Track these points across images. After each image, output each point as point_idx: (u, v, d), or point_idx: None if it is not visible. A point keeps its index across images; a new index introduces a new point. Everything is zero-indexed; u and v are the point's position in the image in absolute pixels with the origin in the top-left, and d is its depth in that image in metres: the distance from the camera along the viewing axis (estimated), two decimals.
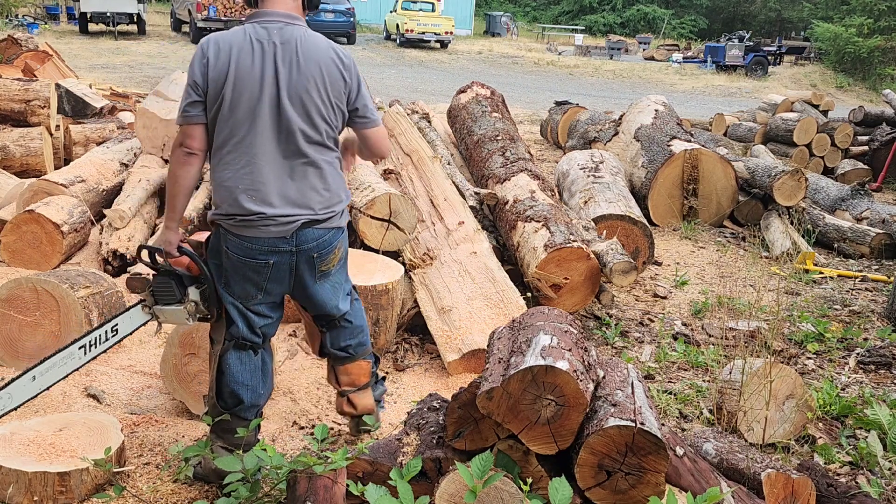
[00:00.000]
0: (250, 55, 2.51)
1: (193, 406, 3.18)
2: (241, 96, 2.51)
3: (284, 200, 2.56)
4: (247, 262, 2.58)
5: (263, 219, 2.54)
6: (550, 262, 4.38)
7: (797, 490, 2.43)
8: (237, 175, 2.54)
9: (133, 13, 21.68)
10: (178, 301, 2.65)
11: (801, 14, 34.43)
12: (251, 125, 2.52)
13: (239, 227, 2.55)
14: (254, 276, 2.61)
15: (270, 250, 2.58)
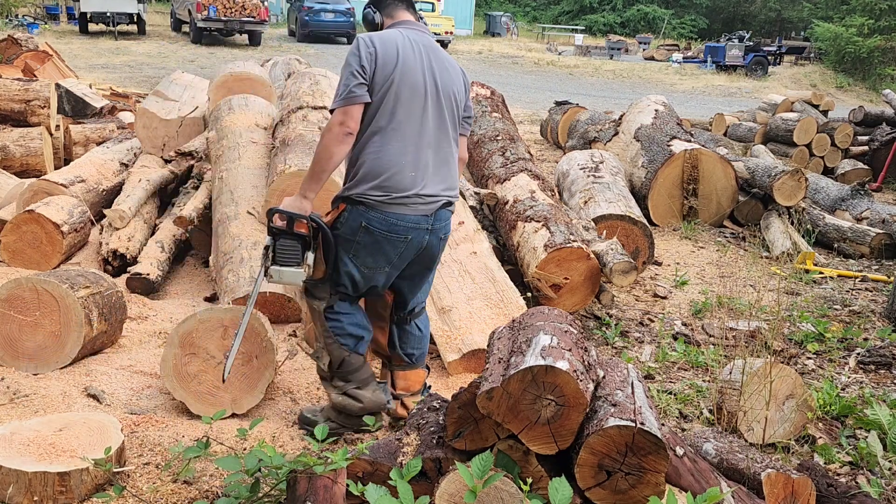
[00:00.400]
0: (412, 50, 2.87)
1: (193, 406, 3.18)
2: (407, 84, 2.82)
3: (434, 182, 2.89)
4: (388, 236, 2.85)
5: (416, 197, 2.84)
6: (550, 262, 4.38)
7: (797, 490, 2.43)
8: (398, 155, 2.81)
9: (133, 13, 21.68)
10: (298, 263, 2.86)
11: (801, 14, 34.45)
12: (414, 111, 2.84)
13: (388, 205, 2.81)
14: (390, 249, 2.88)
15: (413, 227, 2.87)
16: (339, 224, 2.89)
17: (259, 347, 3.21)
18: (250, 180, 4.73)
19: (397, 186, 2.81)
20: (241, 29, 21.43)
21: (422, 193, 2.85)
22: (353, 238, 2.86)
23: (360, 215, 2.83)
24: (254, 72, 6.24)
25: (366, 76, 2.79)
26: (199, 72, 13.94)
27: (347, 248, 2.89)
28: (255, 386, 3.21)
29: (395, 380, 3.24)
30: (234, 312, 3.23)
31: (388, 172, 2.80)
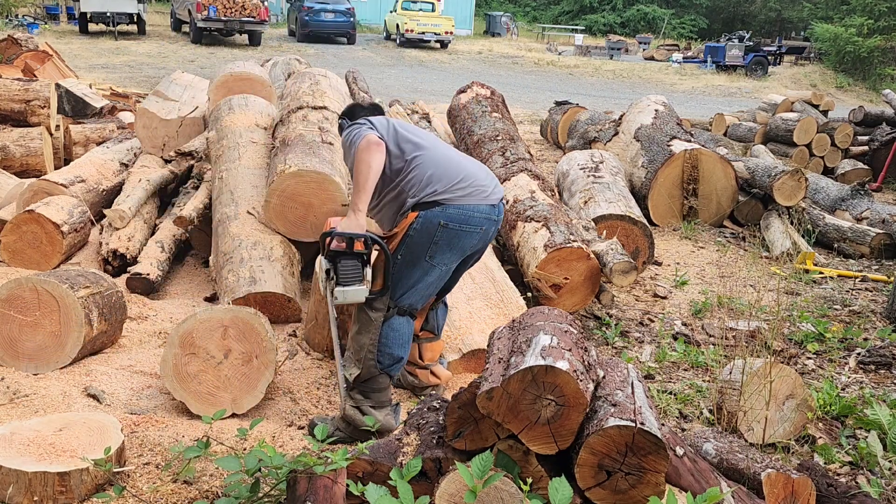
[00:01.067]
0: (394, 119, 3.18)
1: (193, 406, 3.18)
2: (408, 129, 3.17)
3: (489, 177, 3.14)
4: (465, 228, 3.01)
5: (480, 187, 3.05)
6: (550, 262, 4.38)
7: (797, 490, 2.43)
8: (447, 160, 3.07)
9: (133, 13, 21.67)
10: (360, 280, 2.94)
11: (801, 14, 34.44)
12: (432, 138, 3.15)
13: (463, 198, 2.99)
14: (466, 241, 3.06)
15: (485, 218, 3.05)
16: (411, 233, 2.98)
17: (259, 347, 3.21)
18: (250, 180, 4.73)
19: (465, 179, 3.03)
20: (241, 29, 21.43)
21: (486, 185, 3.07)
22: (429, 240, 2.98)
23: (437, 215, 2.97)
24: (254, 72, 6.24)
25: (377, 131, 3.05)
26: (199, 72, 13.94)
27: (422, 252, 3.00)
28: (255, 386, 3.21)
29: (422, 352, 3.43)
30: (234, 313, 3.23)
31: (450, 171, 3.03)
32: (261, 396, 3.22)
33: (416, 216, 2.98)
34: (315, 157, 4.44)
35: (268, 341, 3.21)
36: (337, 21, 24.49)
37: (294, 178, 4.28)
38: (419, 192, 3.00)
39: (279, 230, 4.36)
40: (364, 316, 3.05)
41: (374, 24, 29.91)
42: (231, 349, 3.20)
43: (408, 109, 6.29)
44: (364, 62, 20.82)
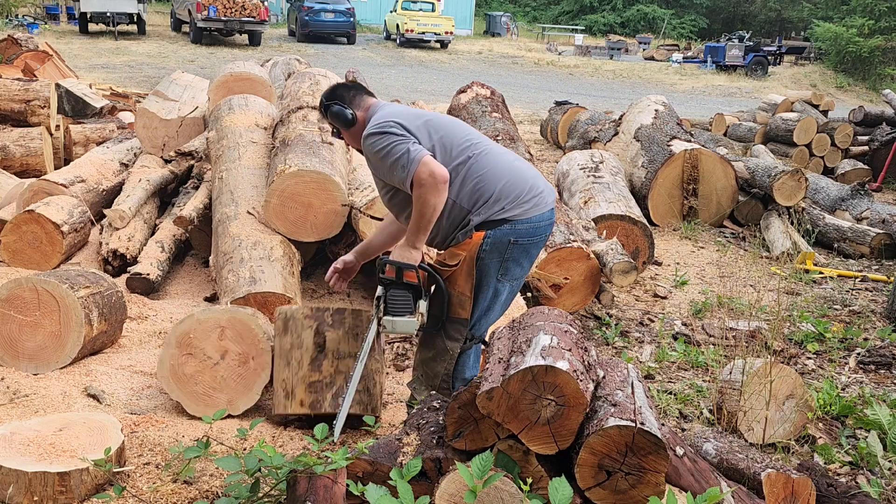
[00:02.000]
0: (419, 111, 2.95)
1: (190, 407, 3.18)
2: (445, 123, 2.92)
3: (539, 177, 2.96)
4: (533, 240, 2.88)
5: (539, 193, 2.89)
6: (550, 262, 4.38)
7: (797, 490, 2.43)
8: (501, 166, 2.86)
9: (133, 13, 21.66)
10: (411, 312, 2.84)
11: (801, 14, 34.43)
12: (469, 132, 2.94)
13: (528, 211, 2.83)
14: (534, 251, 2.93)
15: (548, 223, 2.93)
16: (482, 255, 2.82)
17: (255, 349, 3.21)
18: (250, 180, 4.73)
19: (531, 191, 2.86)
20: (241, 29, 21.42)
21: (541, 191, 2.90)
22: (500, 259, 2.84)
23: (507, 233, 2.82)
24: (254, 72, 6.24)
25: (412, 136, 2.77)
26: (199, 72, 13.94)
27: (494, 272, 2.85)
28: (250, 387, 3.20)
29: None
30: (232, 313, 3.24)
31: (515, 182, 2.84)
32: (256, 398, 3.21)
33: (483, 236, 2.81)
34: (315, 157, 4.44)
35: (264, 343, 3.21)
36: (337, 21, 24.48)
37: (294, 178, 4.28)
38: (486, 211, 2.81)
39: (279, 230, 4.36)
40: (441, 344, 2.93)
41: (374, 24, 29.90)
42: (228, 350, 3.20)
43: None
44: (364, 62, 20.82)
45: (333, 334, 3.07)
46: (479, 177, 2.82)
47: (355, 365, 2.93)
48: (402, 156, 2.71)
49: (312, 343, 3.05)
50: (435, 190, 2.70)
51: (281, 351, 3.13)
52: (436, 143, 2.82)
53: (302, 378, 3.06)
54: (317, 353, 3.05)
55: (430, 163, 2.70)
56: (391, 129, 2.77)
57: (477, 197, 2.82)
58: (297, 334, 3.08)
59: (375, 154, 2.79)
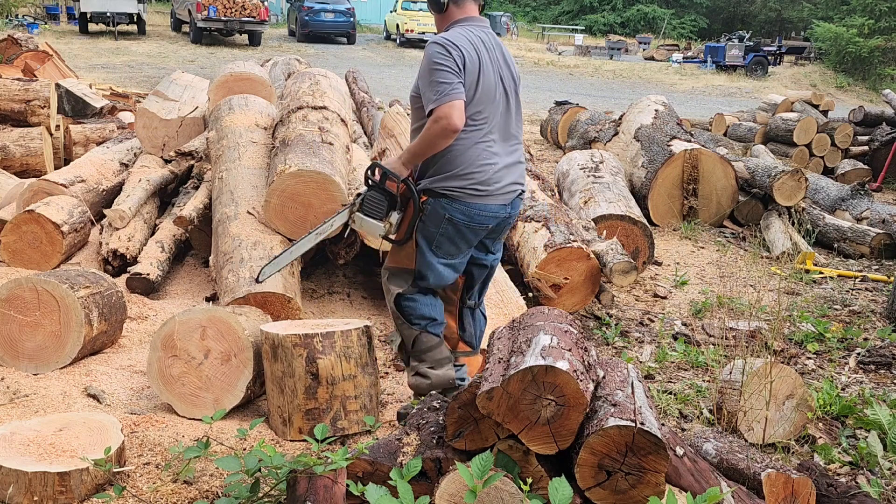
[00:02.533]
0: (486, 53, 3.02)
1: (178, 407, 3.18)
2: (486, 85, 2.99)
3: (511, 175, 3.09)
4: (470, 225, 3.04)
5: (496, 190, 3.03)
6: (550, 262, 4.38)
7: (797, 490, 2.43)
8: (482, 151, 3.00)
9: (133, 13, 21.66)
10: (381, 217, 3.07)
11: (801, 14, 34.42)
12: (493, 110, 3.03)
13: (472, 196, 2.99)
14: (471, 236, 3.08)
15: (493, 216, 3.06)
16: (423, 217, 3.03)
17: (237, 346, 3.20)
18: (250, 180, 4.73)
19: (481, 180, 2.99)
20: (241, 29, 21.42)
21: (503, 185, 3.05)
22: (436, 230, 3.03)
23: (444, 207, 2.99)
24: (254, 72, 6.24)
25: (461, 76, 2.90)
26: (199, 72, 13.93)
27: (430, 239, 3.05)
28: (234, 385, 3.20)
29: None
30: (211, 313, 3.24)
31: (473, 167, 2.98)
32: (241, 395, 3.20)
33: (425, 200, 3.03)
34: (315, 157, 4.44)
35: (245, 339, 3.20)
36: (337, 21, 24.48)
37: (294, 178, 4.27)
38: (435, 178, 3.01)
39: (279, 230, 4.35)
40: (386, 288, 3.20)
41: (374, 24, 29.90)
42: (210, 349, 3.19)
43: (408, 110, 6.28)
44: (364, 62, 20.81)
45: (326, 361, 3.03)
46: (455, 147, 2.96)
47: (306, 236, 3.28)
48: (444, 85, 2.86)
49: (305, 372, 3.01)
50: (443, 133, 2.87)
51: (273, 377, 3.11)
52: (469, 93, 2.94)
53: (298, 406, 3.04)
54: (311, 381, 3.02)
55: (456, 108, 2.85)
56: (454, 56, 2.90)
57: (437, 163, 3.00)
58: (287, 362, 3.03)
59: (429, 61, 2.92)
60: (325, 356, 3.03)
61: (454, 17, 3.08)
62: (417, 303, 3.15)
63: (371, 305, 4.78)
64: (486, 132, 3.02)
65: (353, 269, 5.12)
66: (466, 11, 3.09)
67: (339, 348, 3.07)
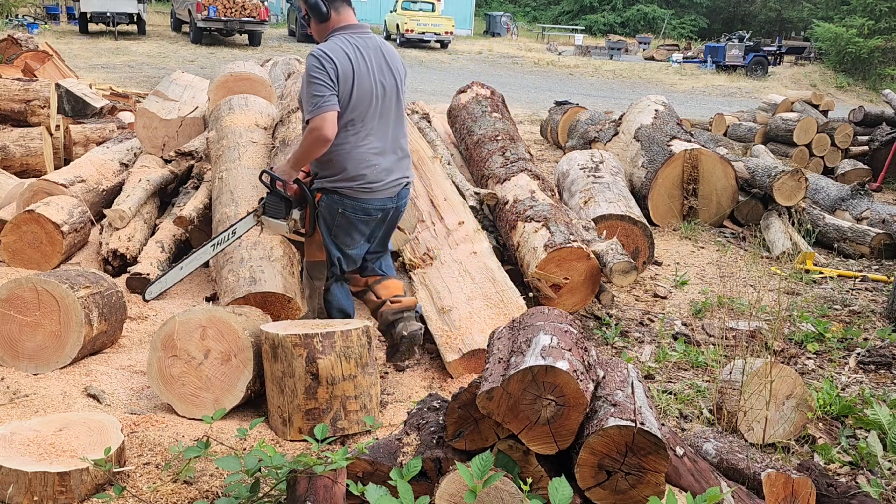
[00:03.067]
0: (362, 59, 3.30)
1: (178, 407, 3.18)
2: (364, 91, 3.28)
3: (398, 169, 3.43)
4: (362, 217, 3.40)
5: (384, 185, 3.38)
6: (550, 262, 4.38)
7: (797, 490, 2.43)
8: (367, 152, 3.32)
9: (133, 13, 21.65)
10: (283, 217, 3.40)
11: (801, 14, 34.42)
12: (373, 112, 3.32)
13: (360, 192, 3.34)
14: (364, 227, 3.44)
15: (381, 208, 3.42)
16: (320, 212, 3.40)
17: (237, 345, 3.20)
18: (250, 180, 4.73)
19: (369, 178, 3.34)
20: (241, 29, 21.41)
21: (388, 181, 3.39)
22: (331, 222, 3.39)
23: (337, 203, 3.35)
24: (254, 72, 6.24)
25: (335, 88, 3.19)
26: (199, 72, 13.93)
27: (327, 230, 3.41)
28: (234, 385, 3.20)
29: (377, 292, 3.65)
30: (211, 312, 3.24)
31: (359, 170, 3.31)
32: (241, 395, 3.20)
33: (319, 198, 3.38)
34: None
35: (245, 339, 3.20)
36: None
37: None
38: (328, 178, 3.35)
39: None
40: (310, 283, 3.62)
41: (374, 24, 29.88)
42: (210, 349, 3.20)
43: (407, 109, 6.29)
44: None
45: (326, 361, 3.03)
46: (338, 152, 3.29)
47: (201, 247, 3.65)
48: (317, 97, 3.17)
49: (305, 372, 3.01)
50: (316, 142, 3.20)
51: (272, 377, 3.11)
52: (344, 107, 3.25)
53: (298, 406, 3.04)
54: (311, 381, 3.02)
55: (328, 119, 3.17)
56: (328, 68, 3.19)
57: (327, 166, 3.33)
58: (287, 362, 3.03)
59: (307, 74, 3.23)
60: (325, 356, 3.03)
61: (335, 25, 3.35)
62: (335, 296, 3.53)
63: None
64: (366, 135, 3.32)
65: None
66: (345, 19, 3.37)
67: (339, 348, 3.07)
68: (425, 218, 4.76)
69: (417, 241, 4.60)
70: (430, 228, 4.69)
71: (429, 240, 4.60)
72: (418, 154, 5.25)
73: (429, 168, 5.12)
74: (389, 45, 3.53)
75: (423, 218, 4.75)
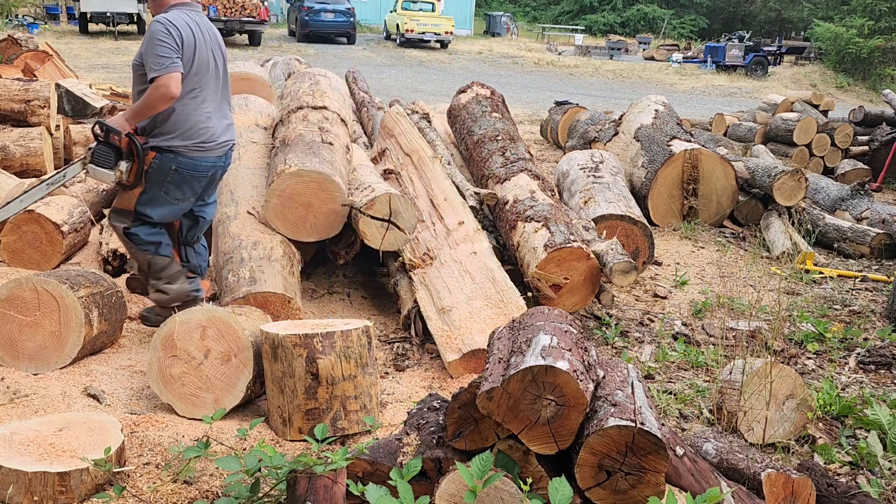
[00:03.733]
0: (199, 32, 3.68)
1: (179, 407, 3.18)
2: (201, 60, 3.67)
3: (225, 133, 3.85)
4: (194, 174, 3.74)
5: (214, 144, 3.77)
6: (550, 262, 4.38)
7: (797, 490, 2.43)
8: (201, 114, 3.69)
9: (133, 13, 21.66)
10: (111, 167, 3.61)
11: (801, 14, 34.43)
12: (208, 80, 3.73)
13: (195, 151, 3.69)
14: (196, 184, 3.79)
15: (211, 166, 3.80)
16: (151, 169, 3.65)
17: (237, 346, 3.20)
18: (250, 180, 4.73)
19: (204, 139, 3.71)
20: (241, 29, 21.43)
21: (218, 143, 3.78)
22: (164, 179, 3.67)
23: (171, 161, 3.65)
24: (254, 72, 6.24)
25: (180, 53, 3.53)
26: None
27: (159, 186, 3.69)
28: (234, 385, 3.20)
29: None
30: (211, 312, 3.24)
31: (195, 129, 3.67)
32: (241, 395, 3.20)
33: (153, 156, 3.64)
34: (315, 157, 4.44)
35: (245, 339, 3.20)
36: (337, 21, 24.48)
37: (294, 178, 4.28)
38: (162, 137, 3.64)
39: (279, 230, 4.36)
40: (112, 225, 3.87)
41: (374, 24, 29.90)
42: (210, 349, 3.20)
43: (408, 109, 6.28)
44: (364, 62, 20.82)
45: (326, 361, 3.03)
46: (179, 113, 3.61)
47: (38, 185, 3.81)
48: (164, 58, 3.47)
49: (305, 372, 3.01)
50: (162, 98, 3.49)
51: (272, 377, 3.11)
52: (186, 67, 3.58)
53: (298, 406, 3.04)
54: (311, 381, 3.02)
55: (174, 79, 3.48)
56: (173, 34, 3.52)
57: (165, 126, 3.62)
58: (287, 362, 3.03)
59: (153, 37, 3.51)
60: (325, 356, 3.03)
61: (171, 2, 3.70)
62: (141, 232, 3.78)
63: (371, 305, 4.79)
64: (203, 100, 3.69)
65: (352, 269, 5.12)
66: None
67: (339, 348, 3.07)
68: (425, 218, 4.76)
69: (417, 241, 4.59)
70: (430, 228, 4.69)
71: (429, 240, 4.60)
72: (418, 154, 5.25)
73: (429, 168, 5.12)
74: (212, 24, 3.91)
75: (423, 218, 4.75)
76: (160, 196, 3.71)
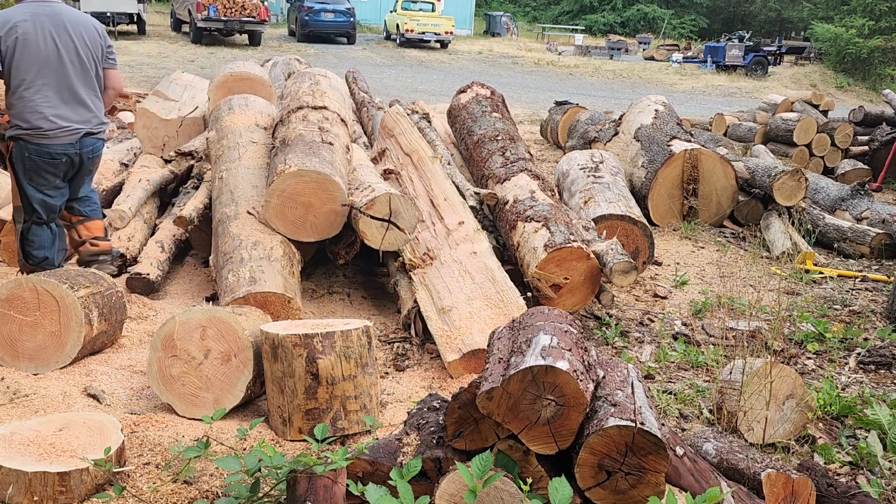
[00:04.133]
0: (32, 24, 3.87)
1: (179, 407, 3.19)
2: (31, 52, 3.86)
3: (73, 119, 4.02)
4: (48, 160, 3.99)
5: (59, 131, 3.97)
6: (550, 262, 4.38)
7: (797, 490, 2.43)
8: (40, 103, 3.91)
9: (133, 13, 21.67)
10: None
11: (801, 14, 34.45)
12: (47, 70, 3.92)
13: (39, 138, 3.94)
14: (53, 169, 4.03)
15: (62, 153, 4.02)
16: (12, 157, 3.97)
17: (237, 346, 3.20)
18: (250, 180, 4.73)
19: (45, 127, 3.93)
20: (241, 29, 21.42)
21: (64, 128, 3.97)
22: (22, 166, 3.97)
23: (23, 148, 3.95)
24: (254, 72, 6.24)
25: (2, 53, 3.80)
26: (199, 72, 13.94)
27: (23, 175, 3.98)
28: (234, 385, 3.20)
29: (79, 231, 4.30)
30: (211, 313, 3.24)
31: (36, 118, 3.90)
32: (241, 395, 3.20)
33: (11, 146, 3.94)
34: (315, 157, 4.44)
35: (245, 339, 3.20)
36: (337, 21, 24.48)
37: (294, 178, 4.28)
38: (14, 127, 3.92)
39: (279, 230, 4.36)
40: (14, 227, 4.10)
41: (374, 24, 29.90)
42: (210, 349, 3.20)
43: (408, 109, 6.28)
44: (364, 62, 20.82)
45: (326, 361, 3.03)
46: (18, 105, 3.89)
47: None
48: None
49: (305, 372, 3.00)
50: None
51: (272, 377, 3.11)
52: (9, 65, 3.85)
53: (298, 406, 3.04)
54: (311, 381, 3.02)
55: None
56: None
57: (14, 117, 3.92)
58: (287, 363, 3.02)
59: None
60: (325, 356, 3.03)
61: None
62: (36, 237, 4.04)
63: (371, 305, 4.79)
64: (37, 90, 3.89)
65: (352, 269, 5.12)
66: None
67: (339, 348, 3.07)
68: (425, 218, 4.76)
69: (417, 241, 4.59)
70: (430, 228, 4.69)
71: (429, 240, 4.60)
72: (418, 154, 5.25)
73: (429, 168, 5.12)
74: (79, 15, 4.08)
75: (423, 218, 4.75)
76: (26, 184, 3.99)
